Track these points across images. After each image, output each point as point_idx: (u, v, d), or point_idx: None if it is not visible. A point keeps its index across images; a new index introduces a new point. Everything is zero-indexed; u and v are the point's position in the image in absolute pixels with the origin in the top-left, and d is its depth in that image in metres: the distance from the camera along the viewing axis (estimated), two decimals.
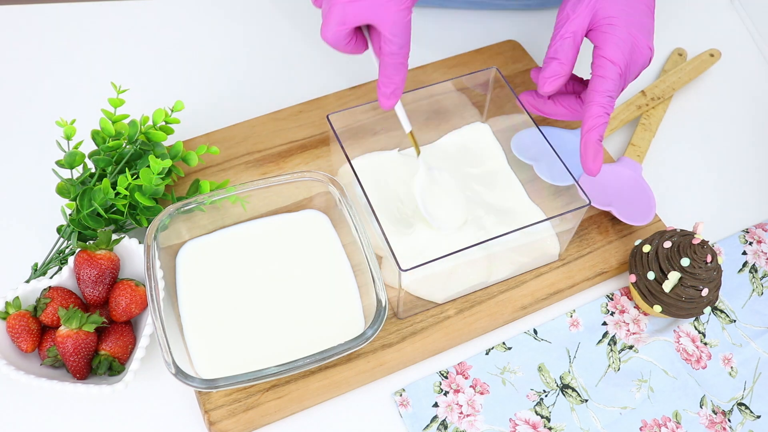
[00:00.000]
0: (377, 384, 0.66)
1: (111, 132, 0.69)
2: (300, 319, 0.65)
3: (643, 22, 0.63)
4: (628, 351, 0.69)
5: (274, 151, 0.78)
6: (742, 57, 0.92)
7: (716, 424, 0.66)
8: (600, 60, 0.62)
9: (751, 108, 0.88)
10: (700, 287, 0.66)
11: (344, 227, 0.68)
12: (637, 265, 0.69)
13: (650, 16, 0.64)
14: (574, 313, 0.71)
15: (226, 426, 0.62)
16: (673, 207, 0.78)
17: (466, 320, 0.68)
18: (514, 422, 0.65)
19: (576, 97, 0.66)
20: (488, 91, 0.76)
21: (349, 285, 0.67)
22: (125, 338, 0.64)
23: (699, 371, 0.69)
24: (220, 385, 0.58)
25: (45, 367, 0.63)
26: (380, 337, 0.67)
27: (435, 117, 0.76)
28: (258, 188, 0.68)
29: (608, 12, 0.62)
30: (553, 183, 0.72)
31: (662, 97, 0.84)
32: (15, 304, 0.63)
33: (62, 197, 0.69)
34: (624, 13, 0.62)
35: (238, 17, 0.92)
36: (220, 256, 0.68)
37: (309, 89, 0.84)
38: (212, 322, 0.65)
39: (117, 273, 0.65)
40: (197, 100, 0.83)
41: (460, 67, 0.85)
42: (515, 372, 0.67)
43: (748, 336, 0.71)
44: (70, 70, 0.86)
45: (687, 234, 0.68)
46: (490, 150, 0.77)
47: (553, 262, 0.72)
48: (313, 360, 0.59)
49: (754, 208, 0.80)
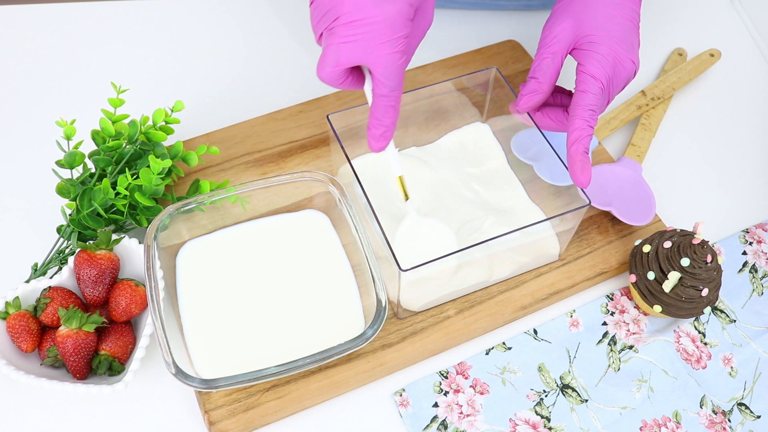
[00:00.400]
0: (377, 384, 0.66)
1: (111, 132, 0.69)
2: (300, 319, 0.65)
3: (626, 37, 0.64)
4: (628, 351, 0.69)
5: (274, 151, 0.78)
6: (742, 57, 0.92)
7: (716, 424, 0.66)
8: (582, 76, 0.64)
9: (751, 108, 0.88)
10: (700, 287, 0.66)
11: (344, 227, 0.68)
12: (637, 265, 0.69)
13: (634, 30, 0.65)
14: (574, 313, 0.71)
15: (226, 426, 0.62)
16: (673, 207, 0.78)
17: (466, 320, 0.68)
18: (514, 422, 0.65)
19: (563, 110, 0.68)
20: (488, 91, 0.76)
21: (349, 285, 0.67)
22: (125, 338, 0.64)
23: (699, 371, 0.69)
24: (220, 385, 0.58)
25: (45, 367, 0.63)
26: (380, 337, 0.67)
27: (435, 117, 0.76)
28: (258, 188, 0.68)
29: (589, 30, 0.64)
30: (553, 183, 0.72)
31: (662, 97, 0.84)
32: (15, 304, 0.63)
33: (62, 197, 0.69)
34: (605, 29, 0.64)
35: (239, 17, 0.92)
36: (220, 256, 0.68)
37: (309, 89, 0.84)
38: (212, 322, 0.65)
39: (117, 273, 0.65)
40: (197, 100, 0.83)
41: (460, 67, 0.85)
42: (515, 372, 0.67)
43: (748, 336, 0.71)
44: (70, 70, 0.86)
45: (687, 234, 0.68)
46: (490, 150, 0.77)
47: (553, 262, 0.72)
48: (313, 360, 0.59)
49: (754, 208, 0.80)
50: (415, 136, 0.77)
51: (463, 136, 0.78)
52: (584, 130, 0.62)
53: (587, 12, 0.64)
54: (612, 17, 0.64)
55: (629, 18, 0.65)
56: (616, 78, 0.64)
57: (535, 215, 0.72)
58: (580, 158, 0.62)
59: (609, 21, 0.64)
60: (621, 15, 0.64)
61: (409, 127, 0.75)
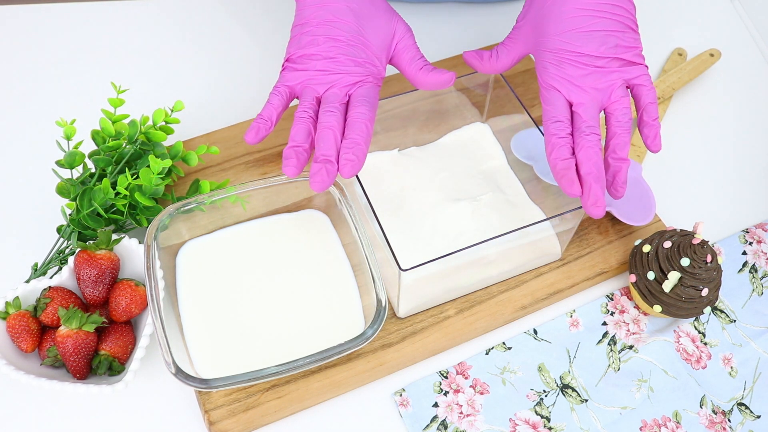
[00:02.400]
0: (377, 384, 0.66)
1: (111, 132, 0.69)
2: (300, 319, 0.65)
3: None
4: (628, 351, 0.69)
5: (274, 151, 0.78)
6: (742, 57, 0.92)
7: (716, 424, 0.66)
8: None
9: (751, 108, 0.88)
10: (700, 287, 0.66)
11: (344, 227, 0.68)
12: (637, 265, 0.69)
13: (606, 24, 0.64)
14: (574, 313, 0.71)
15: (226, 426, 0.62)
16: (673, 207, 0.78)
17: (466, 320, 0.68)
18: (514, 422, 0.65)
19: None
20: (488, 91, 0.76)
21: (349, 285, 0.67)
22: (125, 338, 0.64)
23: (699, 371, 0.69)
24: (220, 385, 0.58)
25: (45, 367, 0.63)
26: (380, 337, 0.67)
27: (435, 117, 0.76)
28: (258, 188, 0.68)
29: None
30: (553, 183, 0.72)
31: (662, 97, 0.84)
32: (15, 304, 0.63)
33: (62, 197, 0.69)
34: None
35: (239, 17, 0.92)
36: (220, 256, 0.68)
37: None
38: (212, 322, 0.65)
39: (117, 273, 0.65)
40: (197, 100, 0.83)
41: (459, 67, 0.85)
42: (515, 372, 0.67)
43: (748, 336, 0.71)
44: (70, 70, 0.86)
45: (687, 234, 0.68)
46: (490, 150, 0.77)
47: (553, 262, 0.72)
48: (313, 360, 0.59)
49: (754, 208, 0.80)
50: (415, 136, 0.77)
51: (463, 136, 0.78)
52: (554, 143, 0.61)
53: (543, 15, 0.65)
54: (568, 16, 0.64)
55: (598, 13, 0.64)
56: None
57: (535, 215, 0.72)
58: (559, 172, 0.60)
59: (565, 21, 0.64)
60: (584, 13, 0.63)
61: (409, 127, 0.75)
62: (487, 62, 0.69)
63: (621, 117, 0.62)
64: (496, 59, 0.69)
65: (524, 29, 0.67)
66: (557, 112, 0.62)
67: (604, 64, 0.63)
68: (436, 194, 0.72)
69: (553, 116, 0.62)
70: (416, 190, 0.73)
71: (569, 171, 0.60)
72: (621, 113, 0.62)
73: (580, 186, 0.60)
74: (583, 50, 0.62)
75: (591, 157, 0.60)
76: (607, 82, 0.63)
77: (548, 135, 0.62)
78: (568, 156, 0.60)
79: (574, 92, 0.62)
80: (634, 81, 0.63)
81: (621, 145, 0.62)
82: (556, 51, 0.63)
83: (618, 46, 0.63)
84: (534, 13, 0.66)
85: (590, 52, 0.62)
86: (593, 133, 0.61)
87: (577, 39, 0.63)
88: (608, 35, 0.63)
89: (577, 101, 0.62)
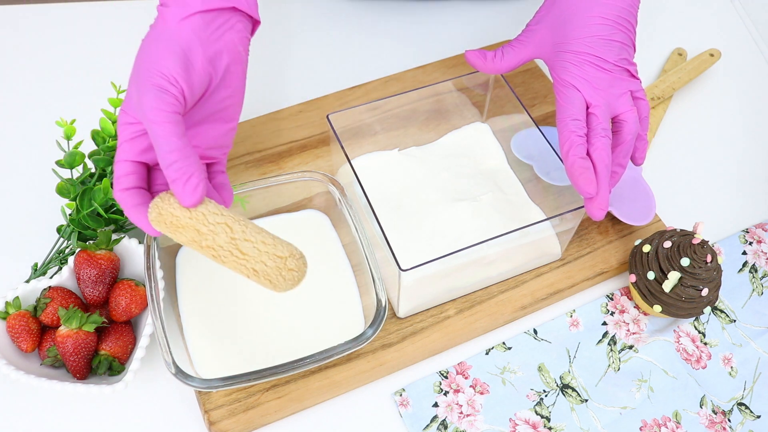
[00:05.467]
0: (377, 384, 0.66)
1: (111, 132, 0.69)
2: (300, 319, 0.65)
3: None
4: (628, 351, 0.69)
5: (274, 151, 0.78)
6: (742, 57, 0.92)
7: (716, 424, 0.66)
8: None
9: (751, 108, 0.88)
10: (700, 287, 0.66)
11: (344, 227, 0.68)
12: (637, 265, 0.69)
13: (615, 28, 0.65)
14: (574, 313, 0.71)
15: (226, 426, 0.62)
16: (673, 207, 0.78)
17: (466, 320, 0.68)
18: (514, 422, 0.65)
19: None
20: (488, 91, 0.76)
21: (349, 285, 0.67)
22: (125, 338, 0.64)
23: (699, 371, 0.69)
24: (219, 385, 0.58)
25: (45, 367, 0.63)
26: (380, 337, 0.67)
27: (435, 117, 0.76)
28: (258, 188, 0.68)
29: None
30: (553, 183, 0.72)
31: (662, 97, 0.84)
32: (15, 304, 0.63)
33: (62, 197, 0.69)
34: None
35: None
36: None
37: (309, 89, 0.84)
38: (212, 322, 0.65)
39: (117, 273, 0.65)
40: None
41: (460, 67, 0.85)
42: (515, 372, 0.67)
43: (748, 336, 0.71)
44: (70, 70, 0.86)
45: (687, 234, 0.68)
46: (490, 150, 0.77)
47: (553, 262, 0.72)
48: (313, 360, 0.59)
49: (754, 208, 0.80)
50: (415, 136, 0.77)
51: (463, 136, 0.78)
52: (572, 141, 0.62)
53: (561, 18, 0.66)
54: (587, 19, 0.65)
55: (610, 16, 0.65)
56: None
57: (535, 215, 0.72)
58: (578, 166, 0.62)
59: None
60: (597, 15, 0.65)
61: (409, 127, 0.76)
62: (491, 62, 0.70)
63: (633, 126, 0.64)
64: (501, 59, 0.69)
65: (539, 33, 0.68)
66: (576, 110, 0.63)
67: (618, 73, 0.64)
68: (436, 194, 0.73)
69: (571, 114, 0.63)
70: (416, 190, 0.73)
71: (588, 171, 0.62)
72: (633, 122, 0.64)
73: (597, 186, 0.62)
74: (604, 56, 0.64)
75: (604, 158, 0.62)
76: (620, 89, 0.64)
77: (567, 132, 0.63)
78: (585, 155, 0.62)
79: (593, 94, 0.64)
80: (636, 94, 0.66)
81: (627, 152, 0.64)
82: (579, 53, 0.64)
83: (626, 60, 0.65)
84: (553, 19, 0.67)
85: (609, 59, 0.64)
86: (607, 136, 0.63)
87: (599, 45, 0.64)
88: (622, 48, 0.65)
89: (595, 103, 0.64)
